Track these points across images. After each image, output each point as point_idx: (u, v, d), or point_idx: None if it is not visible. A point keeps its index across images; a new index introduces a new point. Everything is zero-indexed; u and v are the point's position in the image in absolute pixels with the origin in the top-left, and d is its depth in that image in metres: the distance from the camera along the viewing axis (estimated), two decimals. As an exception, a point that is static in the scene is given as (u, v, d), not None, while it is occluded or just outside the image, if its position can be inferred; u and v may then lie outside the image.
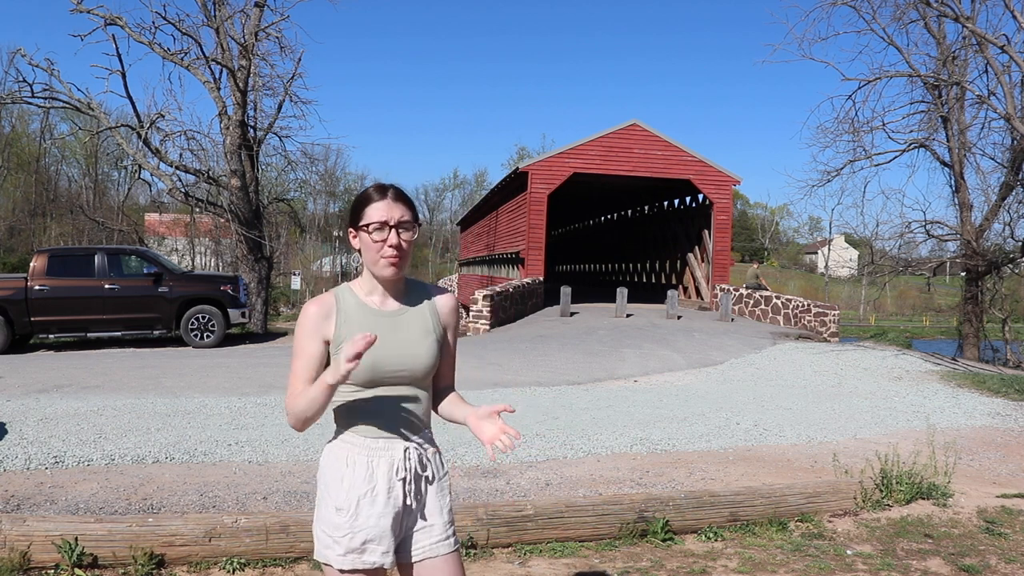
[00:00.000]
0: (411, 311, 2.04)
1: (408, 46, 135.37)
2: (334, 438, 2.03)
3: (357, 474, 1.95)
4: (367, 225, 1.95)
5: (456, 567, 2.04)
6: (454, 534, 2.07)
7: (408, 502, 1.98)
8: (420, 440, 2.04)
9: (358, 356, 1.77)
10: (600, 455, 6.43)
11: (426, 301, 2.08)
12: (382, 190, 1.98)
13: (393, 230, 1.94)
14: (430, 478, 2.04)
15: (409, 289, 2.09)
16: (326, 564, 1.97)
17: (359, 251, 2.00)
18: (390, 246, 1.94)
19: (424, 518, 2.02)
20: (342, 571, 1.94)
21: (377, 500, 1.95)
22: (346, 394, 1.98)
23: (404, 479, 1.97)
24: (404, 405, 2.00)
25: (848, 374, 12.48)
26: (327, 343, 1.97)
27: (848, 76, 18.85)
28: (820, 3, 16.72)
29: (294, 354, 1.98)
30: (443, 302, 2.11)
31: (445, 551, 2.02)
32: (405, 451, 1.99)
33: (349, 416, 1.99)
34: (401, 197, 1.99)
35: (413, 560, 2.01)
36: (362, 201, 1.99)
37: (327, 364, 1.98)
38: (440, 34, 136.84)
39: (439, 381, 2.14)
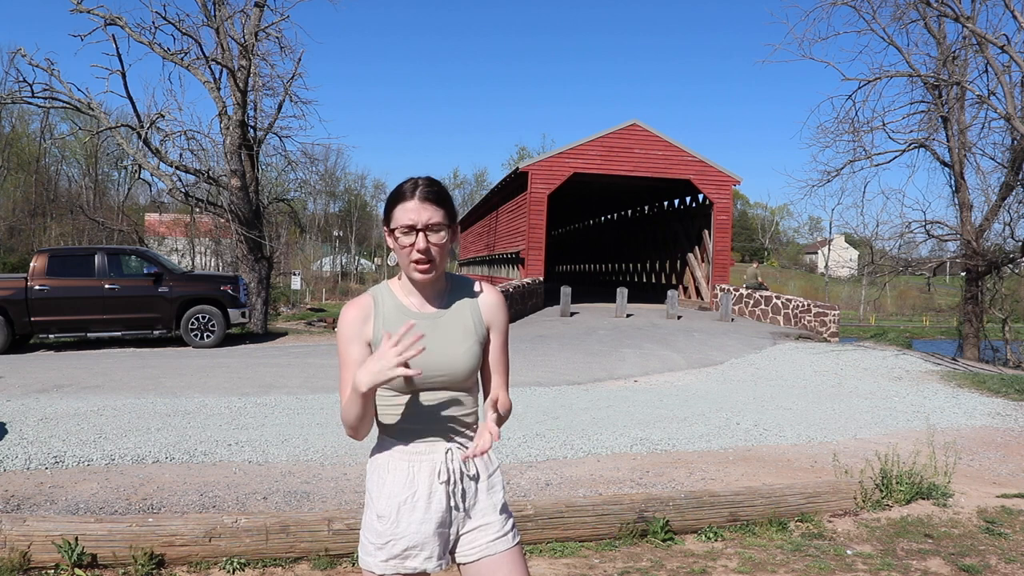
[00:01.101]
0: (451, 313, 1.97)
1: (408, 46, 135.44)
2: (377, 445, 1.99)
3: (397, 481, 1.92)
4: (395, 229, 1.88)
5: (516, 563, 1.98)
6: (512, 529, 2.01)
7: (453, 504, 1.94)
8: (464, 441, 1.97)
9: (404, 364, 1.72)
10: (600, 455, 6.42)
11: (468, 300, 2.00)
12: (412, 189, 1.89)
13: (420, 234, 1.86)
14: (478, 477, 1.98)
15: (451, 287, 2.01)
16: (367, 571, 1.94)
17: (393, 250, 1.94)
18: (418, 251, 1.87)
19: (477, 517, 1.98)
20: None
21: (417, 506, 1.91)
22: (386, 399, 1.95)
23: (447, 482, 1.92)
24: (445, 409, 1.94)
25: (848, 374, 12.48)
26: (369, 345, 1.93)
27: (848, 76, 18.85)
28: (820, 3, 16.75)
29: (340, 363, 1.95)
30: (486, 299, 2.02)
31: (503, 548, 1.97)
32: (447, 453, 1.93)
33: (390, 423, 1.95)
34: (431, 197, 1.88)
35: (471, 560, 1.97)
36: (393, 200, 1.91)
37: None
38: (440, 34, 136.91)
39: (486, 384, 2.05)
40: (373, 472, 1.98)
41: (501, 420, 1.92)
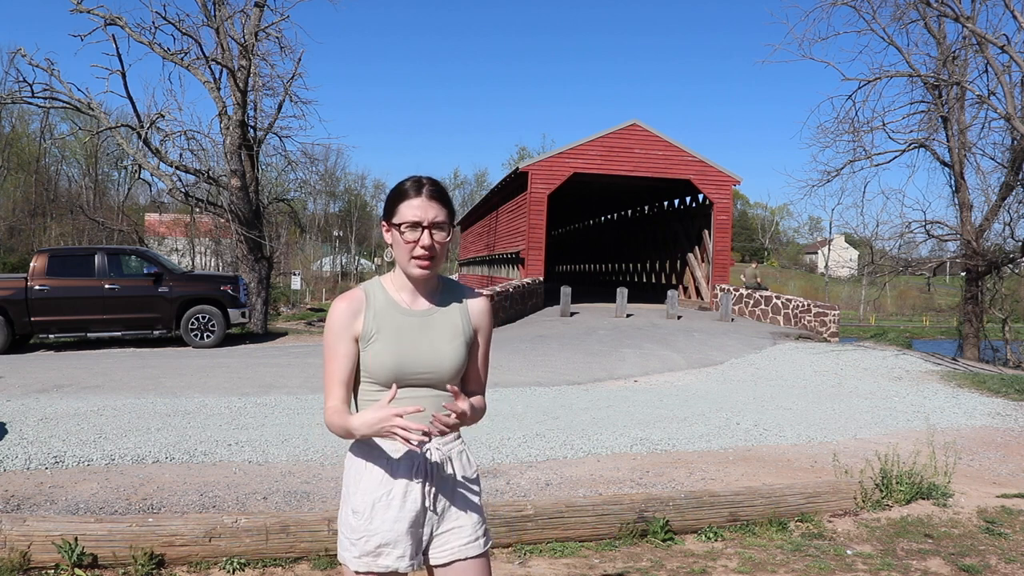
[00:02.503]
0: (441, 311, 2.00)
1: (408, 46, 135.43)
2: (356, 441, 1.98)
3: (373, 477, 1.93)
4: (400, 224, 1.91)
5: (483, 571, 1.99)
6: (485, 534, 2.03)
7: (428, 504, 1.95)
8: (444, 440, 1.98)
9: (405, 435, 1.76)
10: (600, 455, 6.42)
11: (457, 302, 2.03)
12: (418, 187, 1.92)
13: (426, 231, 1.89)
14: (455, 479, 1.99)
15: (442, 288, 2.04)
16: (344, 565, 1.96)
17: (391, 245, 1.96)
18: (422, 247, 1.90)
19: (452, 519, 1.99)
20: (357, 572, 1.93)
21: (392, 504, 1.91)
22: (369, 395, 1.95)
23: (423, 481, 1.93)
24: (428, 406, 1.94)
25: (848, 374, 12.48)
26: (357, 340, 1.94)
27: (848, 76, 18.88)
28: (820, 3, 16.77)
29: (326, 355, 1.95)
30: (475, 304, 2.06)
31: (474, 553, 1.98)
32: (425, 453, 1.94)
33: None
34: (436, 196, 1.92)
35: (443, 562, 1.97)
36: (397, 196, 1.93)
37: (358, 360, 1.96)
38: (440, 34, 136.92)
39: (467, 386, 2.08)
40: (351, 468, 1.99)
41: (473, 412, 1.92)
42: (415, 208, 1.90)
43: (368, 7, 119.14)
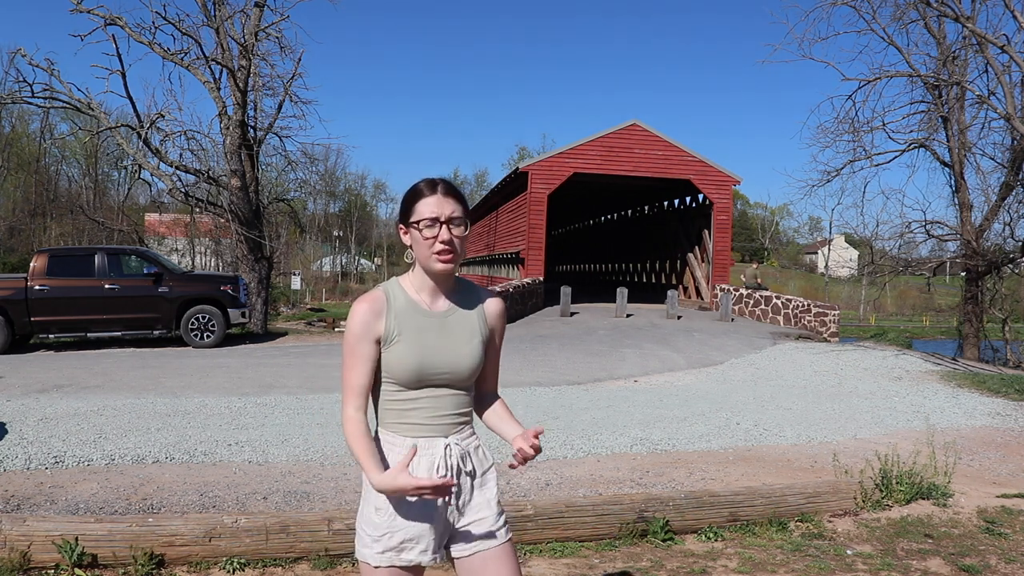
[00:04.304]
0: (459, 312, 2.04)
1: (408, 46, 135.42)
2: (376, 439, 2.02)
3: None
4: (418, 222, 1.94)
5: (509, 558, 2.03)
6: (505, 525, 2.07)
7: (449, 499, 1.99)
8: (461, 436, 2.03)
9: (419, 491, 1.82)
10: (600, 455, 6.43)
11: (474, 303, 2.08)
12: (432, 185, 1.97)
13: (444, 226, 1.93)
14: (473, 473, 2.04)
15: (459, 288, 2.08)
16: (364, 562, 1.98)
17: (410, 247, 2.00)
18: (441, 242, 1.94)
19: (472, 513, 2.03)
20: (378, 567, 1.95)
21: (414, 500, 1.94)
22: (389, 393, 1.98)
23: (444, 476, 1.96)
24: (446, 405, 2.00)
25: (848, 374, 12.48)
26: (378, 342, 1.96)
27: (848, 76, 18.89)
28: (820, 3, 16.75)
29: (345, 357, 1.96)
30: (491, 305, 2.11)
31: (495, 543, 2.03)
32: (446, 448, 1.98)
33: (391, 416, 1.99)
34: (451, 192, 1.97)
35: (466, 554, 2.02)
36: (412, 197, 1.97)
37: (378, 362, 1.97)
38: (440, 33, 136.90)
39: (482, 384, 2.14)
40: None
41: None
42: (431, 205, 1.94)
43: (368, 7, 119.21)
